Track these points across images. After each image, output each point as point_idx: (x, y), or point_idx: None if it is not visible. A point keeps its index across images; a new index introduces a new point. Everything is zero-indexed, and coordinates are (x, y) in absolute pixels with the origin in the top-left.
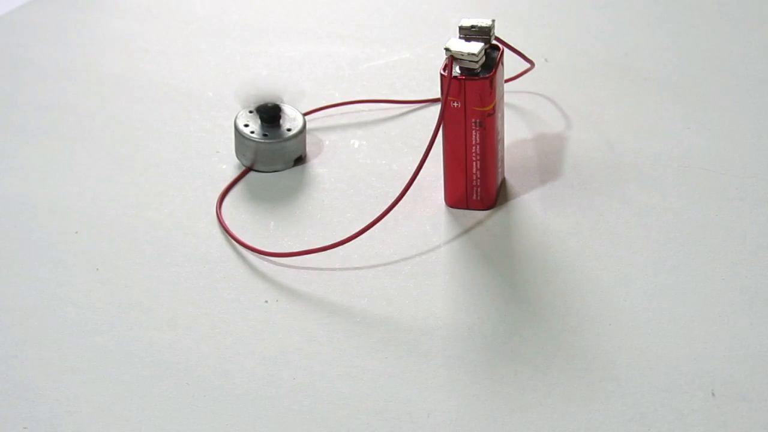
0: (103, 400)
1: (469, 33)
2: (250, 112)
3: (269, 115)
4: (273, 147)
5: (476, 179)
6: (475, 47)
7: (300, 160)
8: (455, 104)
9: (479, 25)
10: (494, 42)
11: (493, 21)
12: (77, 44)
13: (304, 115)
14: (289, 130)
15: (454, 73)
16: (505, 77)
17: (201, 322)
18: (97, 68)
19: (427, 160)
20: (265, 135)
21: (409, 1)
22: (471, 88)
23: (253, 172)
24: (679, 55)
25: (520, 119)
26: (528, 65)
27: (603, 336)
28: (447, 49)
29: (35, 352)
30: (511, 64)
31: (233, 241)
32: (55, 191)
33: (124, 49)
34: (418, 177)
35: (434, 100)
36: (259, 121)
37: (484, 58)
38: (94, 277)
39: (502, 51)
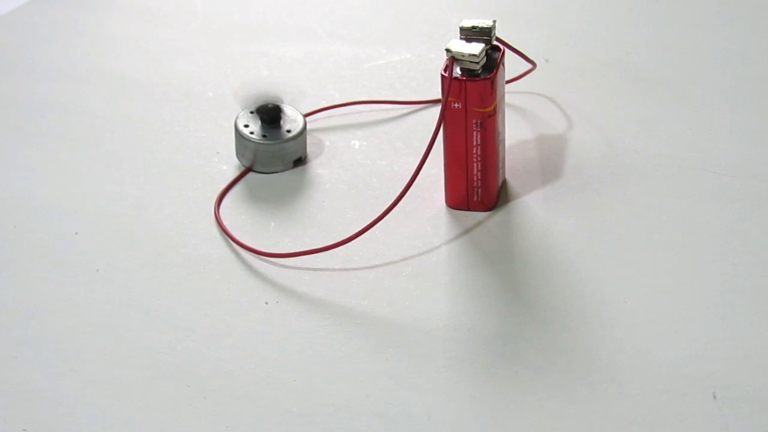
0: (102, 401)
1: (470, 34)
2: (251, 112)
3: (269, 116)
4: (272, 148)
5: (477, 180)
6: (476, 48)
7: (300, 161)
8: (456, 105)
9: (480, 25)
10: (495, 43)
11: (494, 22)
12: (77, 44)
13: (305, 116)
14: (288, 131)
15: (454, 74)
16: (506, 78)
17: (201, 323)
18: (97, 68)
19: (427, 161)
20: (264, 136)
21: (410, 1)
22: (472, 89)
23: (253, 172)
24: (679, 55)
25: (521, 120)
26: (530, 66)
27: (604, 337)
28: (448, 50)
29: (35, 353)
30: (512, 64)
31: (233, 241)
32: (55, 191)
33: (125, 49)
34: (418, 178)
35: (435, 101)
36: (259, 122)
37: (485, 59)
38: (94, 277)
39: (503, 52)
